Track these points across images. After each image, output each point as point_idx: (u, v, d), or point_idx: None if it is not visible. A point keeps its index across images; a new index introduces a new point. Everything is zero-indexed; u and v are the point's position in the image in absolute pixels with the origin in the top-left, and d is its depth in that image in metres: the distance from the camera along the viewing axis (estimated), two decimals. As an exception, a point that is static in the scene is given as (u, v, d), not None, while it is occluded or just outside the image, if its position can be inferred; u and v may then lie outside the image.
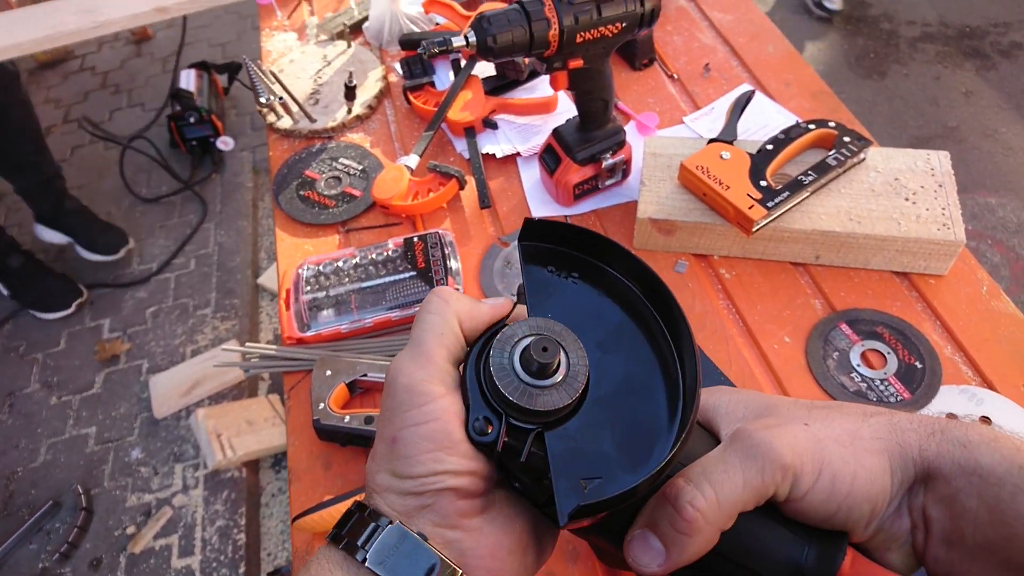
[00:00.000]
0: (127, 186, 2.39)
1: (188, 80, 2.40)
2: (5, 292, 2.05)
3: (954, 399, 0.67)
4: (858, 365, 0.70)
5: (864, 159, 0.80)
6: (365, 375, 0.74)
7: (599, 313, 0.34)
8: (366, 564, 0.30)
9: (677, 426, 0.31)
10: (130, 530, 1.64)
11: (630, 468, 0.30)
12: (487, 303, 0.36)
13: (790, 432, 0.32)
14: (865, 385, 0.69)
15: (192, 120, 2.32)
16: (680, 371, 0.32)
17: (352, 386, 0.75)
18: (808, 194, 0.77)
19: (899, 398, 0.67)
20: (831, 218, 0.76)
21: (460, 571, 0.31)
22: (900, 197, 0.77)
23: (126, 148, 2.44)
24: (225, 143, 2.35)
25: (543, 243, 0.35)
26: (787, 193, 0.75)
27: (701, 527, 0.30)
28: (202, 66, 2.50)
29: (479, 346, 0.34)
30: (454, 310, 0.34)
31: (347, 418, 0.71)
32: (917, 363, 0.70)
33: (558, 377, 0.31)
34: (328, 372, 0.74)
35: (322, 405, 0.72)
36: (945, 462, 0.31)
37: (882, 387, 0.68)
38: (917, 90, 2.42)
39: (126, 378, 1.94)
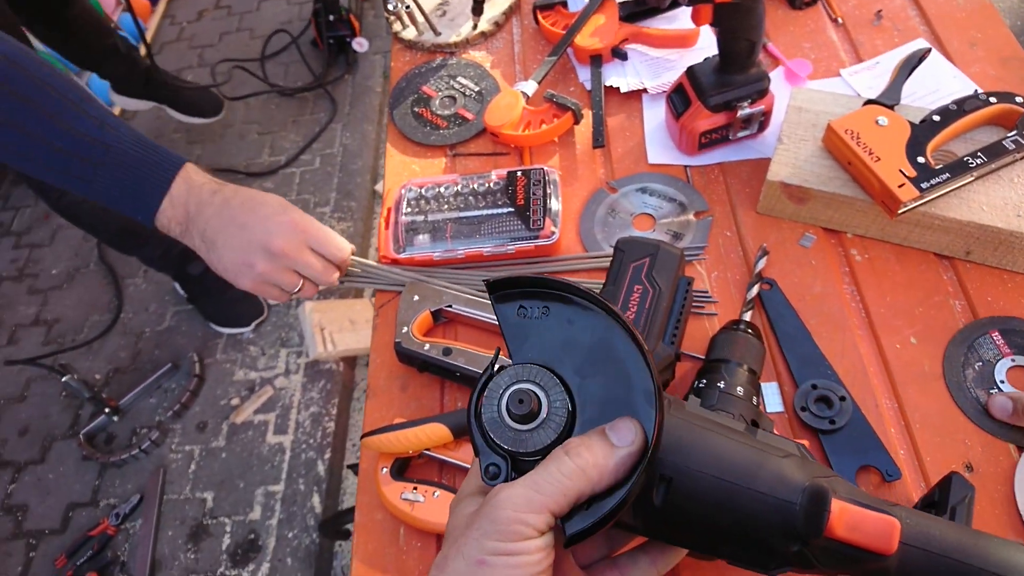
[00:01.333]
0: (265, 78, 2.47)
1: (332, -25, 2.40)
2: (183, 294, 1.94)
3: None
4: (1002, 382, 0.61)
5: (1051, 146, 0.68)
6: (450, 306, 0.73)
7: (572, 341, 0.37)
8: None
9: (653, 436, 0.34)
10: (234, 402, 1.78)
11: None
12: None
13: None
14: (1000, 407, 0.60)
15: (332, 18, 2.34)
16: (650, 379, 0.35)
17: (437, 315, 0.74)
18: (972, 179, 0.66)
19: (1037, 429, 0.58)
20: (994, 211, 0.65)
21: None
22: (1087, 196, 0.65)
23: (268, 40, 2.51)
24: (360, 44, 2.36)
25: (510, 290, 0.38)
26: (947, 175, 0.65)
27: None
28: (347, -38, 2.49)
29: (475, 399, 0.37)
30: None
31: (427, 346, 0.70)
32: (1070, 393, 0.60)
33: (542, 417, 0.35)
34: (416, 297, 0.74)
35: (405, 329, 0.72)
36: None
37: None
38: None
39: (246, 262, 2.06)
